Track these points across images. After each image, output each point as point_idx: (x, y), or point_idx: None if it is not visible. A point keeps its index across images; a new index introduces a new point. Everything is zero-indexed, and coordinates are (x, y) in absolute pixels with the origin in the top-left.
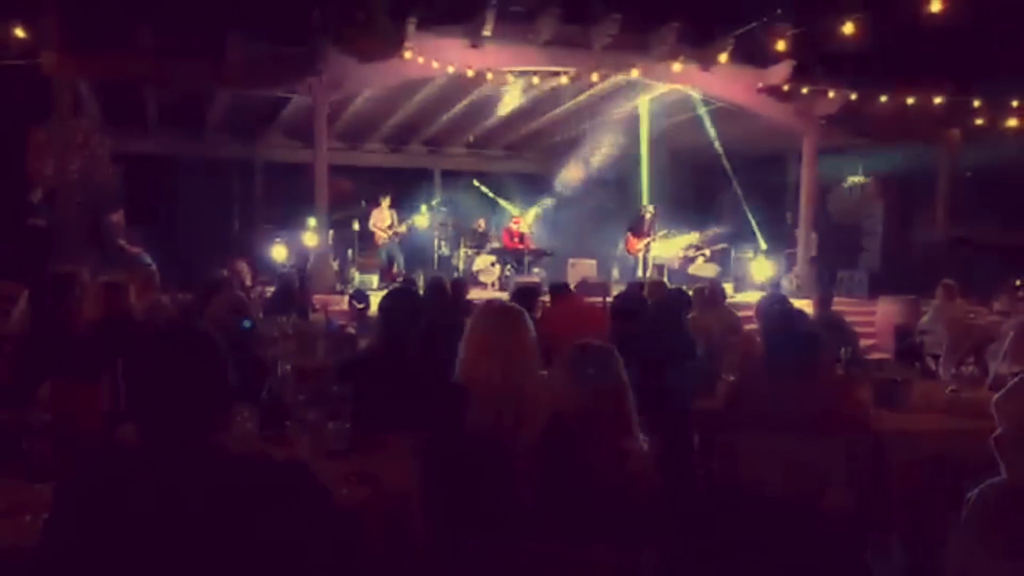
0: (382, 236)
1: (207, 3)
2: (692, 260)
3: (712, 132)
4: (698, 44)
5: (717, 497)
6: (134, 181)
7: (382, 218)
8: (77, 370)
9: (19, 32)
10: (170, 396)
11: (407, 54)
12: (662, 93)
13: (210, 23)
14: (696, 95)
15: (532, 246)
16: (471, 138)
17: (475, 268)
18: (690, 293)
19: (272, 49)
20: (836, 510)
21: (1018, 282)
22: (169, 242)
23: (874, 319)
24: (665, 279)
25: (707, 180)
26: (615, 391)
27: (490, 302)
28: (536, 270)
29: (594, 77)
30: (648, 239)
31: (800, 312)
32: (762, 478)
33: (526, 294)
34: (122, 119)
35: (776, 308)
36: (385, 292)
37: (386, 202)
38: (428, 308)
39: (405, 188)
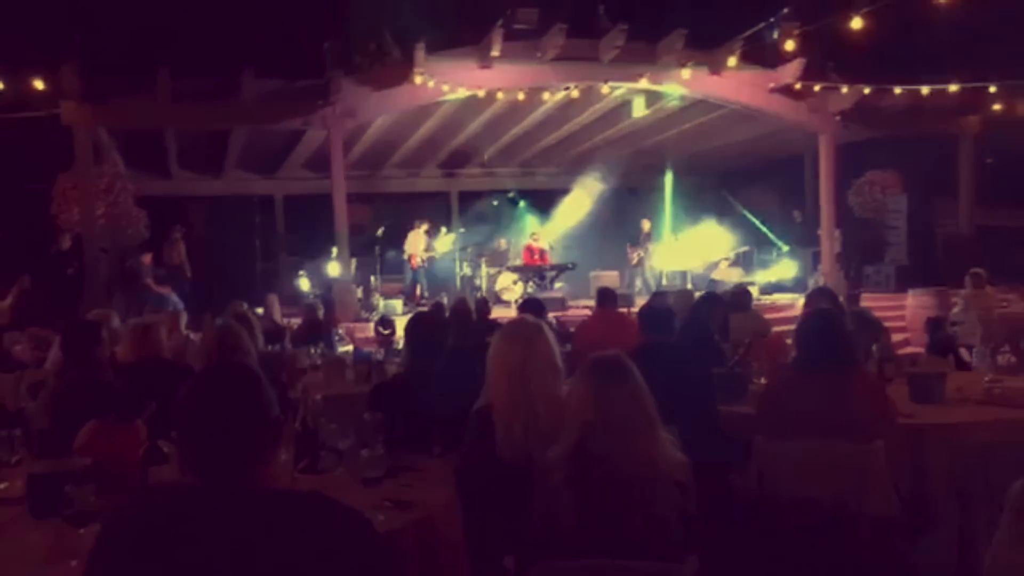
0: (417, 260)
1: (220, 44)
2: (715, 265)
3: (728, 135)
4: (706, 49)
5: (754, 504)
6: (158, 222)
7: (417, 242)
8: (113, 413)
9: (38, 84)
10: (216, 434)
11: (418, 79)
12: (678, 99)
13: (224, 63)
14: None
15: (552, 261)
16: (487, 157)
17: (497, 287)
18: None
19: (285, 84)
20: (878, 513)
21: None
22: (195, 280)
23: (904, 313)
24: (689, 285)
25: (725, 183)
26: (638, 400)
27: (510, 320)
28: (559, 285)
29: (604, 89)
30: (639, 250)
31: (837, 311)
32: (799, 483)
33: (536, 309)
34: (143, 163)
35: (812, 309)
36: (410, 317)
37: (423, 227)
38: (453, 331)
39: (423, 212)
